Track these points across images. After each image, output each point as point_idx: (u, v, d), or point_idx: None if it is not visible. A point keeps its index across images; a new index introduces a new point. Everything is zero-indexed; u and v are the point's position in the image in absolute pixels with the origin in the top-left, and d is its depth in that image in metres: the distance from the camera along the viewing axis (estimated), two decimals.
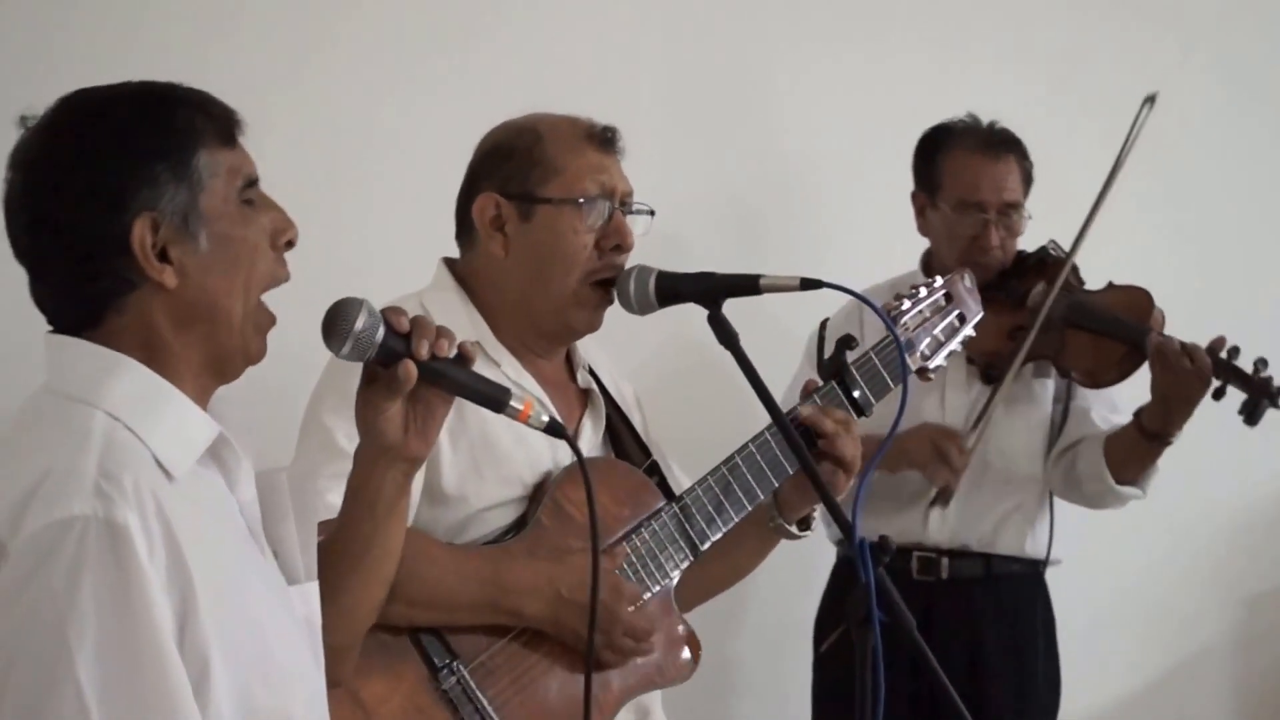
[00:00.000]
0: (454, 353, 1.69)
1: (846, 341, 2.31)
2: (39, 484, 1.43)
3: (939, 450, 3.08)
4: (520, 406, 1.69)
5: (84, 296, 1.53)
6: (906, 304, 2.39)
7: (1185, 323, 3.10)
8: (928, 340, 2.41)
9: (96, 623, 1.39)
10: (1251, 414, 2.97)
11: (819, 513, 2.39)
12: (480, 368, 2.15)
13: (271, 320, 1.61)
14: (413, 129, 3.27)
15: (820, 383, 2.33)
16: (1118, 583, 3.98)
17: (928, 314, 2.42)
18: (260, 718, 1.50)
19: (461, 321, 2.27)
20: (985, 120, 3.23)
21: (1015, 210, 3.17)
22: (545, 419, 1.70)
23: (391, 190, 3.24)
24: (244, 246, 1.57)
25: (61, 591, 1.39)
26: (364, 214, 3.23)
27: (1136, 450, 3.08)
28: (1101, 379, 3.13)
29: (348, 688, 1.94)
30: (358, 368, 1.86)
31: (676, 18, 3.59)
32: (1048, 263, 3.16)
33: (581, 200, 2.25)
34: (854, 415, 2.30)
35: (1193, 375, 2.93)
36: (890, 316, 2.31)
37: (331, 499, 1.92)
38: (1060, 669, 3.31)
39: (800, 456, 2.07)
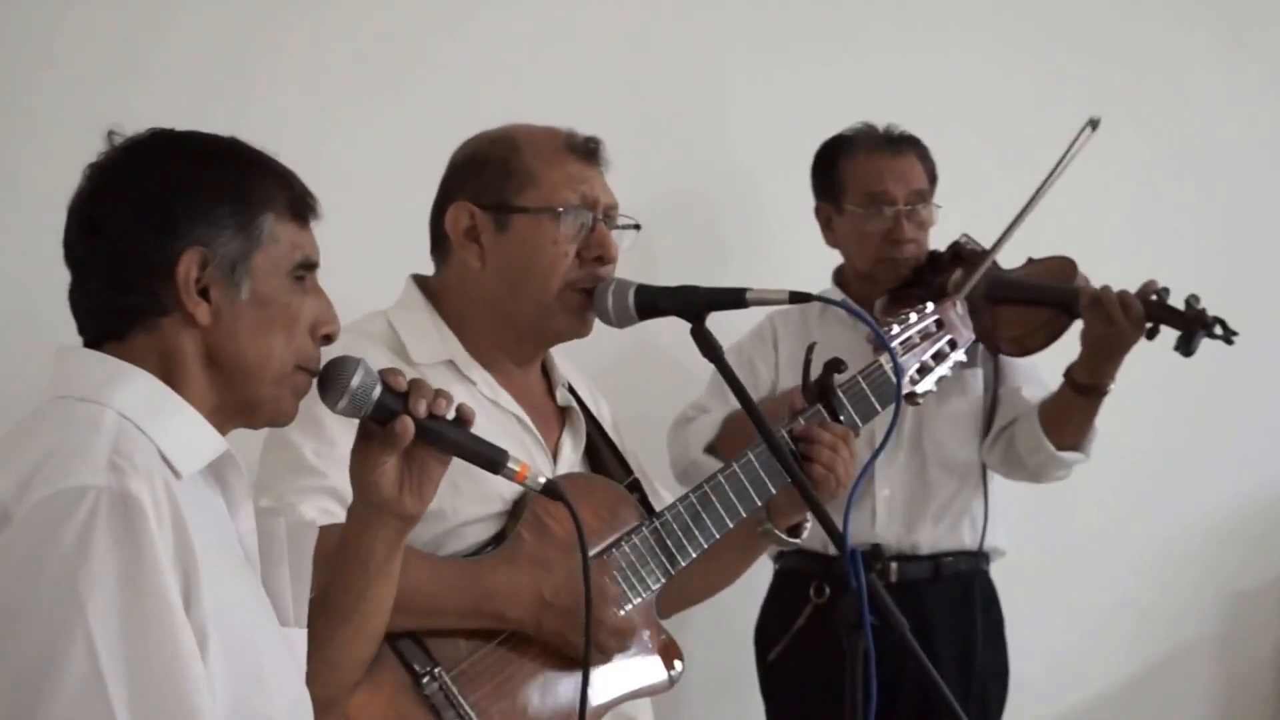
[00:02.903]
0: (452, 413, 1.71)
1: (835, 365, 2.31)
2: (46, 459, 1.47)
3: None
4: (516, 468, 1.72)
5: (117, 306, 1.57)
6: (896, 328, 2.41)
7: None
8: (916, 365, 2.43)
9: (107, 580, 1.42)
10: (1187, 346, 2.95)
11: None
12: (454, 386, 2.16)
13: (308, 386, 1.65)
14: (373, 144, 3.24)
15: (805, 404, 2.33)
16: (1103, 580, 4.03)
17: (917, 339, 2.44)
18: (248, 705, 1.52)
19: (431, 338, 2.25)
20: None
21: (923, 201, 3.17)
22: (542, 480, 1.73)
23: (354, 205, 3.16)
24: (283, 312, 1.60)
25: (73, 550, 1.42)
26: (326, 228, 3.22)
27: (1072, 409, 3.06)
28: (1029, 344, 3.11)
29: None
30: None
31: (638, 29, 3.59)
32: (963, 255, 3.14)
33: (560, 210, 2.21)
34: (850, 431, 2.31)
35: (1127, 323, 2.92)
36: (884, 334, 2.33)
37: (304, 510, 1.93)
38: (1008, 661, 3.31)
39: (790, 470, 2.08)
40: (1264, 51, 4.23)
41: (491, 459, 1.72)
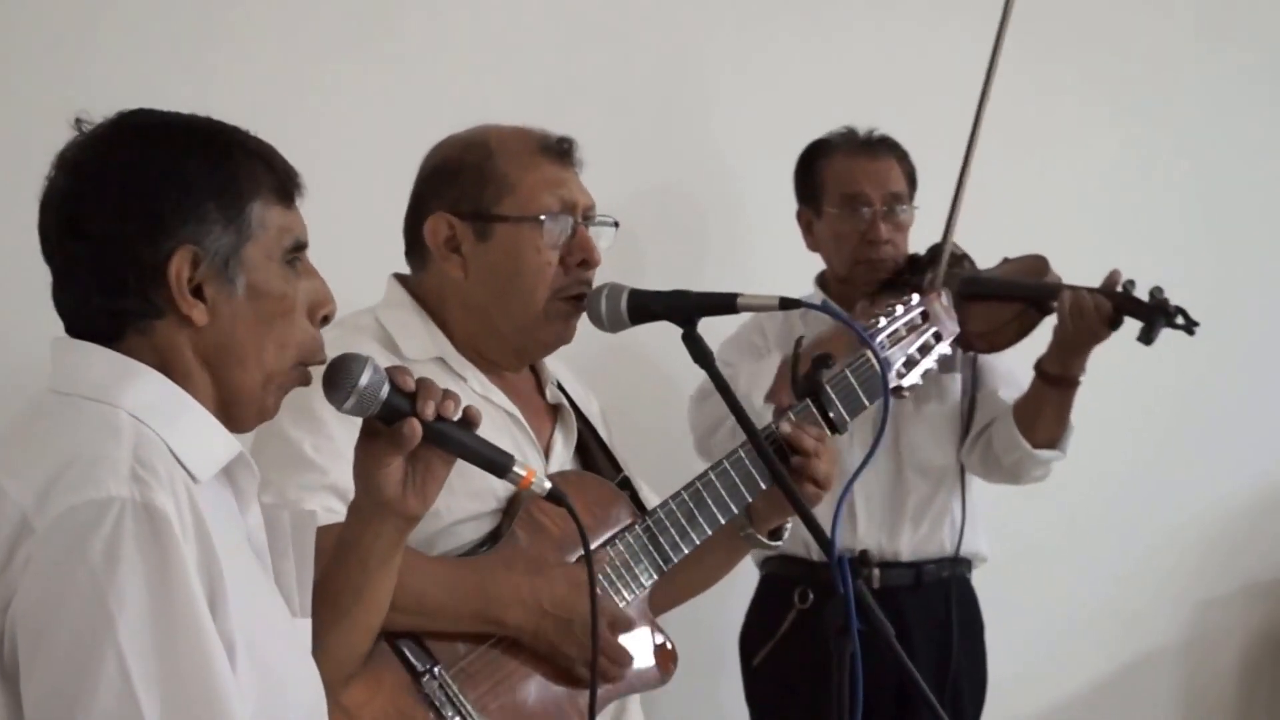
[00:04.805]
0: (459, 415, 1.71)
1: (824, 360, 2.31)
2: (67, 466, 1.43)
3: None
4: (523, 473, 1.72)
5: (108, 311, 1.52)
6: (882, 321, 2.41)
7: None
8: (903, 358, 2.44)
9: (136, 593, 1.40)
10: (1148, 336, 3.01)
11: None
12: (445, 382, 2.13)
13: (305, 381, 1.62)
14: (347, 136, 3.19)
15: (792, 400, 2.33)
16: (1072, 585, 4.09)
17: (903, 332, 2.44)
18: (272, 715, 1.51)
19: (421, 338, 2.24)
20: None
21: (900, 202, 3.20)
22: (547, 486, 1.74)
23: (325, 202, 3.16)
24: (280, 303, 1.57)
25: (100, 563, 1.39)
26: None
27: (1045, 402, 3.10)
28: (998, 340, 3.15)
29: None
30: (318, 387, 1.84)
31: (621, 25, 3.59)
32: (940, 256, 3.17)
33: (542, 217, 2.21)
34: (828, 434, 2.32)
35: (1096, 318, 2.99)
36: (868, 335, 2.33)
37: (307, 509, 1.92)
38: (987, 670, 3.34)
39: (776, 473, 2.10)
40: (1247, 37, 4.27)
41: (498, 463, 1.71)
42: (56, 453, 1.45)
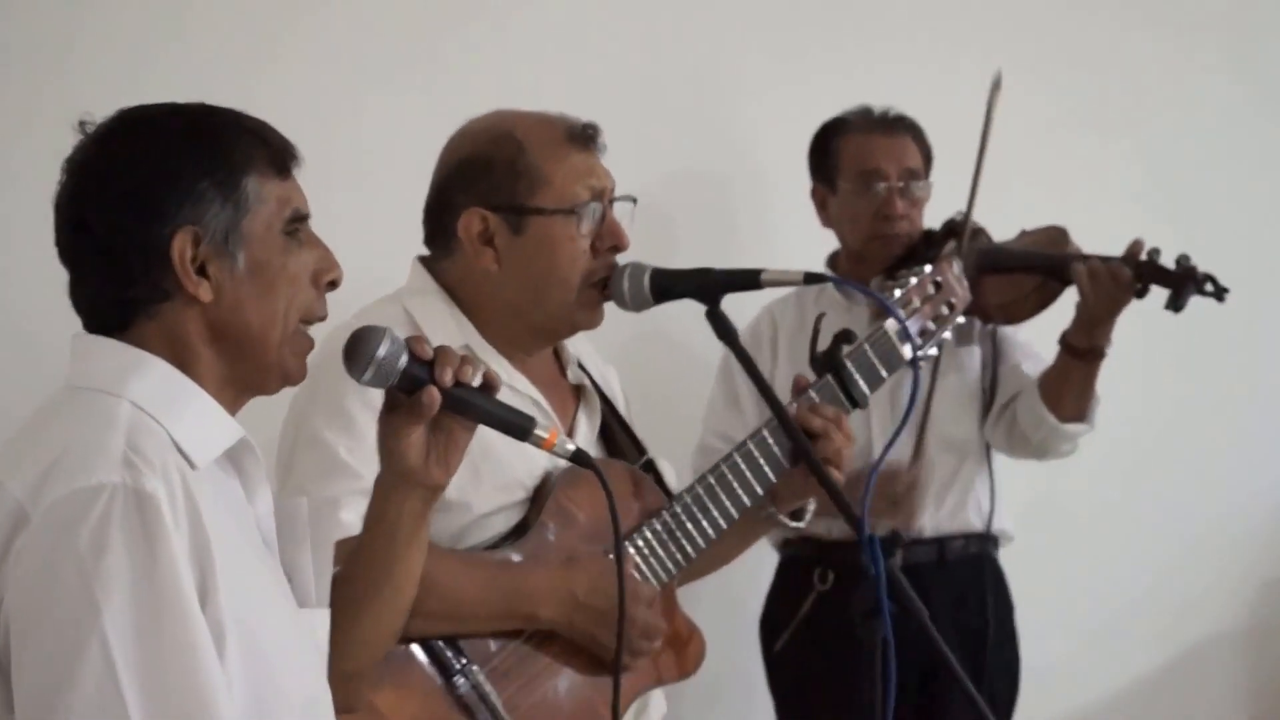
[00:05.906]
0: (478, 380, 1.70)
1: (846, 336, 2.30)
2: (62, 456, 1.46)
3: (884, 496, 3.06)
4: (545, 435, 1.70)
5: (118, 300, 1.56)
6: (898, 292, 2.40)
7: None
8: (918, 329, 2.41)
9: (122, 582, 1.41)
10: (1176, 303, 2.98)
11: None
12: None
13: (310, 345, 1.65)
14: (381, 125, 3.22)
15: (810, 378, 2.32)
16: (1130, 570, 4.00)
17: (918, 302, 2.42)
18: (265, 706, 1.51)
19: (448, 325, 2.24)
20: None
21: (916, 179, 3.18)
22: (571, 447, 1.72)
23: (356, 188, 3.14)
24: (281, 275, 1.59)
25: (87, 552, 1.41)
26: (325, 212, 3.19)
27: (1072, 375, 3.08)
28: (1017, 312, 3.13)
29: None
30: (349, 381, 1.82)
31: (650, 8, 3.60)
32: (956, 231, 3.15)
33: (576, 208, 2.21)
34: (849, 409, 2.31)
35: (1116, 288, 2.97)
36: (892, 305, 2.33)
37: (344, 515, 1.92)
38: (1019, 652, 3.29)
39: (804, 453, 2.09)
40: (1267, 60, 4.20)
41: (519, 426, 1.70)
42: (53, 444, 1.48)
